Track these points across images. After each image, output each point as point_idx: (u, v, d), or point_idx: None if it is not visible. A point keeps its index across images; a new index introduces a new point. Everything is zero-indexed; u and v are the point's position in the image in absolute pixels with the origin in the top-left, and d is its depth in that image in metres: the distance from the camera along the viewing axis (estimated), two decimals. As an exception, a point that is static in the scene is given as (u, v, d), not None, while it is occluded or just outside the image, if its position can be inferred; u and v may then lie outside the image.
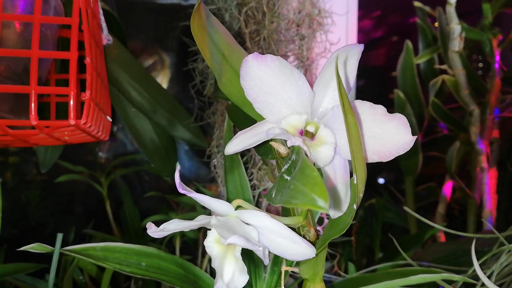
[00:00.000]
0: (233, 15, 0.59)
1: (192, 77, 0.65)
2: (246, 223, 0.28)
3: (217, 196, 0.69)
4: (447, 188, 0.86)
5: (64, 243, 0.44)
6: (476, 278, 0.48)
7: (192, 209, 0.82)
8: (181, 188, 0.26)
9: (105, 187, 0.84)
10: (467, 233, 0.58)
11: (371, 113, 0.26)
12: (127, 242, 0.45)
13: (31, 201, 0.86)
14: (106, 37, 0.59)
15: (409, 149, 0.26)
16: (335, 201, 0.27)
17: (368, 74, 1.09)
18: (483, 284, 0.51)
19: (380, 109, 0.26)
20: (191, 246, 0.77)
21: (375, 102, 0.28)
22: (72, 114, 0.39)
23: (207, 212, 0.82)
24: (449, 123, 0.84)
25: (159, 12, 0.78)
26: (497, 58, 0.84)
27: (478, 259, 0.47)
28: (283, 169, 0.27)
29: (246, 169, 0.63)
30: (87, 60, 0.40)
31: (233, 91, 0.34)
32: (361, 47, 0.27)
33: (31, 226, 0.84)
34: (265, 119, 0.29)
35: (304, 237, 0.32)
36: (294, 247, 0.27)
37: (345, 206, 0.26)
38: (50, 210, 0.87)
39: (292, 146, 0.27)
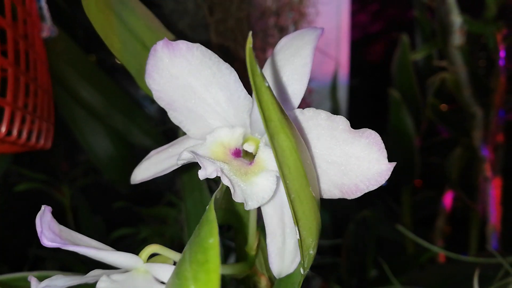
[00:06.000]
0: (198, 2, 0.51)
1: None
2: (161, 282, 0.20)
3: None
4: (447, 198, 0.78)
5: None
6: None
7: (164, 222, 0.74)
8: (45, 240, 0.18)
9: (68, 197, 0.76)
10: (469, 257, 0.50)
11: (328, 128, 0.17)
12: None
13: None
14: (49, 28, 0.51)
15: (384, 181, 0.17)
16: (281, 254, 0.18)
17: (365, 71, 1.00)
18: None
19: (342, 122, 0.17)
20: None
21: (372, 102, 0.20)
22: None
23: (180, 226, 0.74)
24: (449, 126, 0.76)
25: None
26: (502, 54, 0.76)
27: (481, 287, 0.40)
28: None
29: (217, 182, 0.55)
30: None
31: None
32: (318, 31, 0.18)
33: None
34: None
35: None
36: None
37: (295, 262, 0.18)
38: (9, 223, 0.79)
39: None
